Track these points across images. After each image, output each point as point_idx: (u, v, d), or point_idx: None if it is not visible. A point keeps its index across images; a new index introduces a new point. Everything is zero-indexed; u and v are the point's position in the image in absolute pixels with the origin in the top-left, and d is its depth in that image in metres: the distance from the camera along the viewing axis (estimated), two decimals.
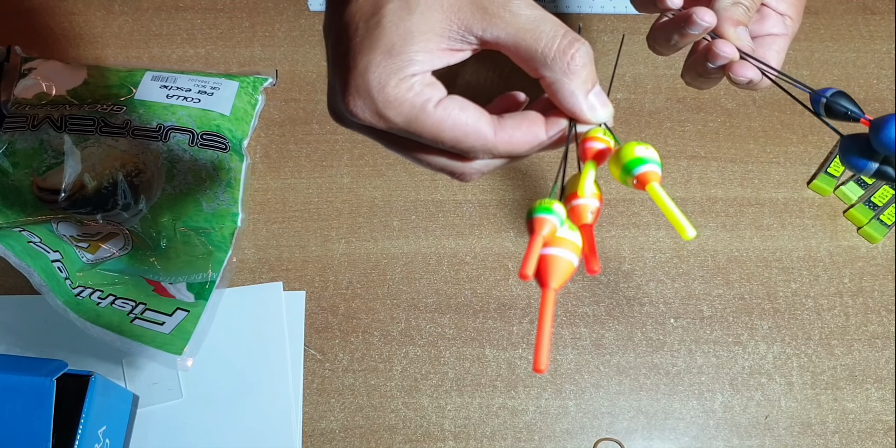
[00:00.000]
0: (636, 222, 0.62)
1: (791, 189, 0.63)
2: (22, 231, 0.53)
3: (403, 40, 0.28)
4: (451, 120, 0.29)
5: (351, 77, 0.28)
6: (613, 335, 0.58)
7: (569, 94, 0.29)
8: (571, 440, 0.55)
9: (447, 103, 0.29)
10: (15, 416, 0.42)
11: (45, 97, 0.60)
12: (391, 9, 0.28)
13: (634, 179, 0.28)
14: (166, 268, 0.55)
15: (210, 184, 0.58)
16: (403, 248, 0.60)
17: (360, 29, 0.28)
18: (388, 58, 0.28)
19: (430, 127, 0.29)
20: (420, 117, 0.28)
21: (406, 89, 0.28)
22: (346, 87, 0.28)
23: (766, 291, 0.59)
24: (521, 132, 0.30)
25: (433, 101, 0.29)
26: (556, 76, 0.29)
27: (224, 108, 0.61)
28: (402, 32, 0.28)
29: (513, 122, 0.30)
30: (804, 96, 0.37)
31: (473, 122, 0.29)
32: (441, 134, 0.29)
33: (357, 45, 0.28)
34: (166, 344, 0.49)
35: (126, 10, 0.69)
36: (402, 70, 0.28)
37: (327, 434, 0.54)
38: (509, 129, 0.30)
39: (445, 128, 0.29)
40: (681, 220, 0.26)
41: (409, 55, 0.28)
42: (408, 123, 0.29)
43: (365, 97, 0.28)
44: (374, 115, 0.29)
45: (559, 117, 0.30)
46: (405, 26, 0.28)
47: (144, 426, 0.53)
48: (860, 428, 0.55)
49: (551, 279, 0.27)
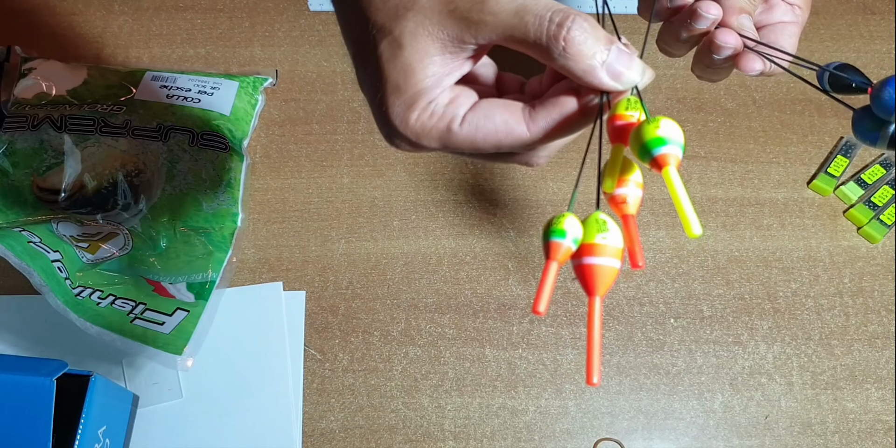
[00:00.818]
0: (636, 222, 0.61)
1: (791, 189, 0.63)
2: (22, 231, 0.53)
3: (405, 75, 0.28)
4: (480, 132, 0.29)
5: (380, 119, 0.30)
6: (613, 335, 0.58)
7: (582, 74, 0.28)
8: (571, 440, 0.55)
9: (471, 117, 0.29)
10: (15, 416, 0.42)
11: (45, 97, 0.60)
12: (383, 48, 0.28)
13: (651, 161, 0.26)
14: (166, 268, 0.55)
15: (210, 184, 0.58)
16: (403, 248, 0.60)
17: (369, 73, 0.29)
18: (399, 96, 0.28)
19: (464, 143, 0.29)
20: (451, 138, 0.29)
21: (427, 118, 0.29)
22: (382, 128, 0.30)
23: (766, 291, 0.59)
24: (555, 120, 0.29)
25: (457, 120, 0.29)
26: (560, 62, 0.28)
27: (224, 108, 0.61)
28: (400, 68, 0.28)
29: (544, 111, 0.29)
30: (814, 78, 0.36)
31: (503, 126, 0.29)
32: (477, 145, 0.29)
33: (372, 88, 0.29)
34: (166, 344, 0.49)
35: (126, 10, 0.69)
36: (416, 103, 0.29)
37: (327, 434, 0.54)
38: (541, 120, 0.29)
39: (478, 140, 0.29)
40: (689, 214, 0.25)
41: (416, 87, 0.28)
42: (444, 145, 0.30)
43: (396, 134, 0.29)
44: (413, 147, 0.30)
45: (591, 93, 0.29)
46: (401, 62, 0.28)
47: (144, 426, 0.53)
48: (860, 428, 0.55)
49: (597, 288, 0.26)
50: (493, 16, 0.27)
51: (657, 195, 0.63)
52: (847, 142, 0.64)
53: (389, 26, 0.28)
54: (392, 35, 0.28)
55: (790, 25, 0.40)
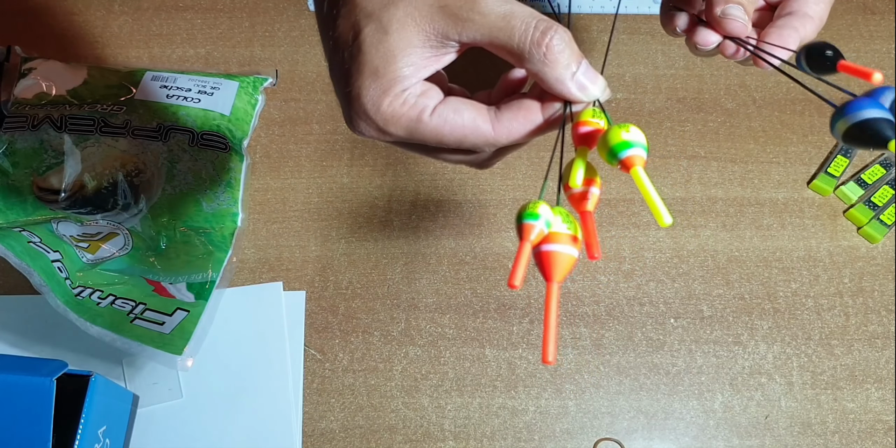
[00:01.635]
0: (636, 222, 0.62)
1: (791, 189, 0.63)
2: (22, 231, 0.53)
3: (386, 61, 0.29)
4: (447, 125, 0.30)
5: (349, 101, 0.30)
6: (613, 335, 0.58)
7: (554, 80, 0.30)
8: (571, 440, 0.55)
9: (441, 109, 0.30)
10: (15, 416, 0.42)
11: (45, 97, 0.60)
12: (368, 33, 0.29)
13: (619, 163, 0.28)
14: (166, 268, 0.55)
15: (210, 184, 0.58)
16: (403, 248, 0.60)
17: (346, 55, 0.30)
18: (376, 80, 0.29)
19: (430, 134, 0.30)
20: (419, 128, 0.30)
21: (399, 105, 0.30)
22: (349, 110, 0.30)
23: (766, 291, 0.59)
24: (518, 122, 0.31)
25: (428, 111, 0.30)
26: (537, 67, 0.29)
27: (224, 108, 0.61)
28: (382, 54, 0.29)
29: (509, 113, 0.31)
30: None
31: (470, 122, 0.30)
32: (442, 138, 0.30)
33: (347, 71, 0.30)
34: (166, 344, 0.49)
35: (126, 10, 0.69)
36: (391, 89, 0.29)
37: (327, 434, 0.54)
38: (506, 121, 0.31)
39: (444, 132, 0.30)
40: (659, 206, 0.27)
41: (394, 74, 0.29)
42: (410, 134, 0.30)
43: (365, 119, 0.30)
44: (378, 132, 0.31)
45: (554, 101, 0.31)
46: (384, 47, 0.29)
47: (144, 426, 0.53)
48: (860, 428, 0.55)
49: (554, 274, 0.27)
50: (481, 16, 0.28)
51: None
52: None
53: (378, 13, 0.29)
54: (379, 22, 0.29)
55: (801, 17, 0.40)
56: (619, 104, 0.66)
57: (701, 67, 0.68)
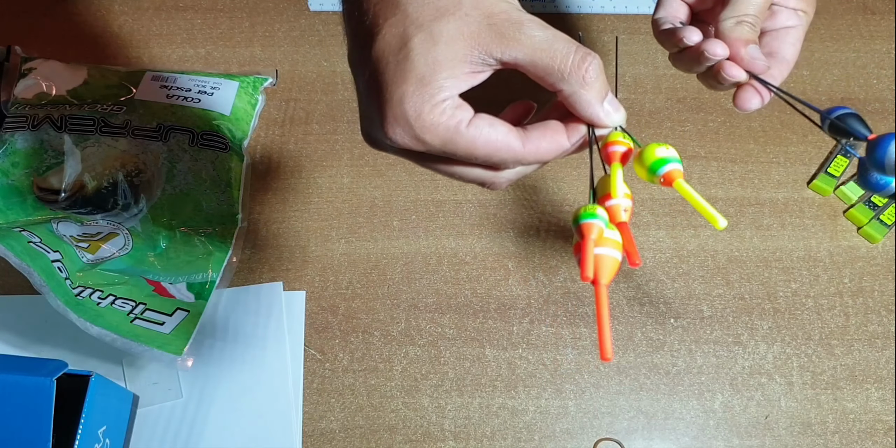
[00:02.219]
0: (636, 222, 0.61)
1: (791, 189, 0.63)
2: (22, 231, 0.53)
3: (432, 70, 0.30)
4: (482, 137, 0.31)
5: (388, 107, 0.30)
6: (614, 335, 0.58)
7: (587, 104, 0.32)
8: (571, 440, 0.55)
9: (478, 122, 0.31)
10: (15, 416, 0.42)
11: (45, 97, 0.60)
12: (417, 42, 0.30)
13: (661, 178, 0.31)
14: (166, 268, 0.55)
15: (210, 184, 0.58)
16: (403, 248, 0.60)
17: (391, 63, 0.30)
18: (421, 87, 0.30)
19: (464, 145, 0.31)
20: (455, 138, 0.31)
21: (439, 114, 0.30)
22: (384, 116, 0.31)
23: (766, 291, 0.59)
24: (546, 141, 0.32)
25: (465, 122, 0.31)
26: (574, 89, 0.31)
27: (224, 108, 0.61)
28: (430, 62, 0.30)
29: (537, 133, 0.32)
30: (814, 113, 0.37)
31: (503, 137, 0.31)
32: (475, 151, 0.31)
33: (390, 78, 0.30)
34: (166, 344, 0.49)
35: (126, 10, 0.69)
36: (433, 97, 0.30)
37: (327, 434, 0.54)
38: (535, 139, 0.32)
39: (478, 145, 0.31)
40: (711, 211, 0.29)
41: (438, 83, 0.30)
42: (444, 144, 0.31)
43: (403, 125, 0.30)
44: (413, 140, 0.31)
45: (578, 124, 0.33)
46: (432, 57, 0.30)
47: (144, 426, 0.53)
48: (860, 428, 0.55)
49: (602, 276, 0.29)
50: (527, 37, 0.30)
51: (657, 195, 0.63)
52: (847, 142, 0.64)
53: (429, 25, 0.30)
54: (430, 33, 0.30)
55: (793, 30, 0.41)
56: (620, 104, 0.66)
57: None
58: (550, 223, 0.61)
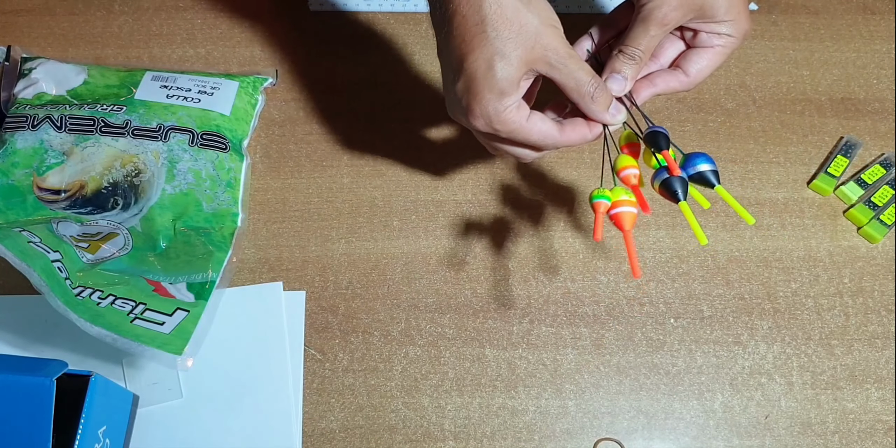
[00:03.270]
0: (636, 222, 0.61)
1: (791, 189, 0.63)
2: (22, 231, 0.53)
3: (507, 85, 0.44)
4: (536, 129, 0.45)
5: (477, 106, 0.44)
6: (613, 335, 0.58)
7: (595, 113, 0.46)
8: (571, 440, 0.55)
9: (533, 118, 0.45)
10: (15, 416, 0.42)
11: (45, 97, 0.60)
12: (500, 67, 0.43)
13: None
14: (166, 268, 0.55)
15: (210, 184, 0.58)
16: (403, 248, 0.60)
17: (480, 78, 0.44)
18: (500, 96, 0.44)
19: (523, 134, 0.45)
20: (519, 129, 0.45)
21: (509, 114, 0.44)
22: (473, 111, 0.45)
23: (766, 291, 0.59)
24: (576, 134, 0.46)
25: (525, 118, 0.45)
26: (586, 105, 0.46)
27: (224, 108, 0.61)
28: (506, 79, 0.44)
29: (570, 127, 0.46)
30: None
31: (548, 129, 0.46)
32: (529, 137, 0.46)
33: (480, 88, 0.44)
34: (166, 344, 0.49)
35: (126, 10, 0.69)
36: (506, 103, 0.44)
37: (327, 434, 0.54)
38: (568, 132, 0.46)
39: (533, 134, 0.46)
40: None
41: (510, 94, 0.44)
42: (510, 133, 0.45)
43: (485, 118, 0.45)
44: (489, 127, 0.45)
45: (596, 122, 0.47)
46: (507, 75, 0.44)
47: (144, 426, 0.53)
48: (860, 428, 0.55)
49: (626, 225, 0.44)
50: (566, 68, 0.44)
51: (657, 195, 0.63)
52: (847, 142, 0.64)
53: (508, 53, 0.43)
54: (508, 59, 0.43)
55: (709, 51, 0.49)
56: None
57: None
58: (550, 223, 0.61)
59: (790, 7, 0.71)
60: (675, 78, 0.50)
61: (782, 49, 0.69)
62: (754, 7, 0.71)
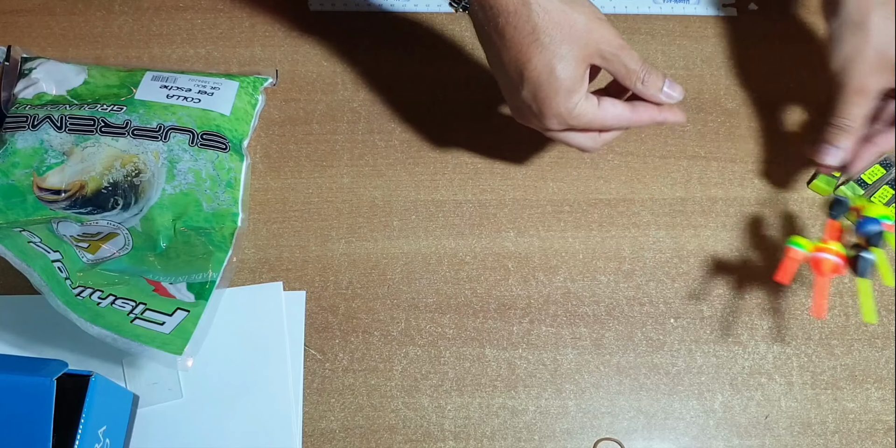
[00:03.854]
0: (636, 222, 0.62)
1: (791, 189, 0.63)
2: (22, 231, 0.53)
3: (572, 83, 0.47)
4: (610, 114, 0.49)
5: (548, 109, 0.48)
6: (613, 335, 0.58)
7: (650, 96, 0.50)
8: (571, 440, 0.55)
9: (605, 105, 0.49)
10: (15, 416, 0.42)
11: (45, 97, 0.60)
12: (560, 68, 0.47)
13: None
14: (166, 268, 0.55)
15: (210, 184, 0.58)
16: (403, 248, 0.60)
17: (544, 82, 0.47)
18: (568, 95, 0.48)
19: (599, 121, 0.49)
20: (594, 119, 0.49)
21: (582, 107, 0.48)
22: (544, 115, 0.49)
23: (766, 291, 0.59)
24: (647, 113, 0.50)
25: (596, 106, 0.49)
26: (639, 90, 0.49)
27: (224, 108, 0.61)
28: (569, 78, 0.47)
29: (642, 107, 0.50)
30: None
31: (622, 111, 0.50)
32: (605, 123, 0.50)
33: (547, 92, 0.48)
34: (166, 344, 0.49)
35: (126, 10, 0.69)
36: (574, 99, 0.48)
37: (327, 434, 0.54)
38: (641, 112, 0.50)
39: (608, 119, 0.49)
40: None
41: (577, 91, 0.48)
42: (586, 125, 0.49)
43: (558, 117, 0.49)
44: (563, 125, 0.50)
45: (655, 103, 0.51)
46: (569, 74, 0.47)
47: (144, 426, 0.53)
48: (860, 428, 0.55)
49: (824, 271, 0.48)
50: (618, 59, 0.48)
51: (657, 195, 0.63)
52: None
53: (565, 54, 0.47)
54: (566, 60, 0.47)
55: None
56: None
57: (701, 67, 0.68)
58: (551, 223, 0.61)
59: (790, 7, 0.71)
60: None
61: (782, 49, 0.69)
62: (754, 7, 0.71)
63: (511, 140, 0.64)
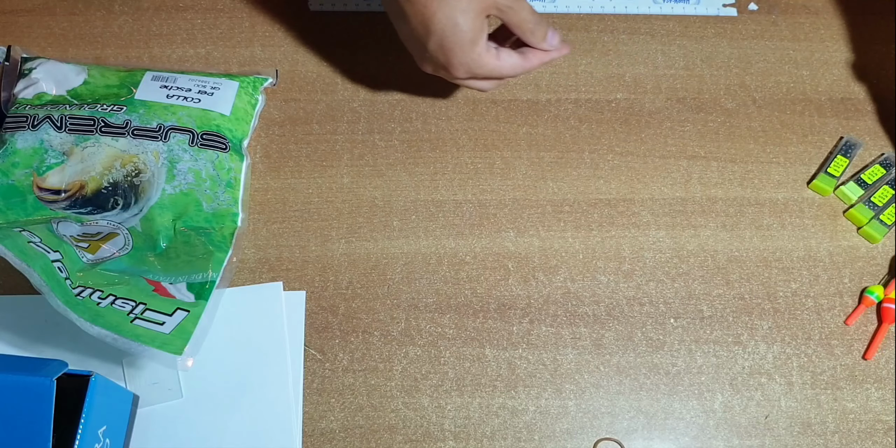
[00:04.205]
0: (636, 222, 0.62)
1: (791, 189, 0.63)
2: (22, 231, 0.53)
3: (473, 34, 0.52)
4: (508, 64, 0.55)
5: (455, 59, 0.53)
6: (613, 335, 0.58)
7: (536, 44, 0.56)
8: (571, 440, 0.55)
9: (503, 55, 0.55)
10: (15, 416, 0.42)
11: (45, 97, 0.60)
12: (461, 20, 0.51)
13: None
14: (166, 268, 0.55)
15: (210, 184, 0.58)
16: (403, 248, 0.60)
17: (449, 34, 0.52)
18: (471, 46, 0.53)
19: (499, 71, 0.55)
20: (495, 68, 0.54)
21: (484, 57, 0.53)
22: (451, 64, 0.54)
23: (766, 291, 0.59)
24: (536, 59, 0.56)
25: (496, 57, 0.54)
26: (528, 38, 0.55)
27: (224, 108, 0.61)
28: (470, 30, 0.52)
29: (530, 53, 0.56)
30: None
31: (517, 61, 0.55)
32: (503, 73, 0.55)
33: (451, 43, 0.52)
34: (166, 344, 0.49)
35: (126, 10, 0.69)
36: (479, 49, 0.53)
37: (327, 434, 0.54)
38: (531, 58, 0.56)
39: (506, 68, 0.55)
40: None
41: (480, 40, 0.53)
42: (488, 73, 0.55)
43: (464, 66, 0.54)
44: (469, 73, 0.55)
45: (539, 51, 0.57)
46: (469, 26, 0.52)
47: (144, 426, 0.53)
48: (860, 428, 0.55)
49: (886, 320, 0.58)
50: (513, 11, 0.53)
51: (657, 195, 0.63)
52: (847, 142, 0.64)
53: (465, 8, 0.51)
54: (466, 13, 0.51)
55: None
56: (620, 104, 0.66)
57: (701, 67, 0.68)
58: (551, 223, 0.61)
59: (790, 7, 0.71)
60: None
61: (782, 49, 0.69)
62: (754, 7, 0.71)
63: (511, 140, 0.64)
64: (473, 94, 0.66)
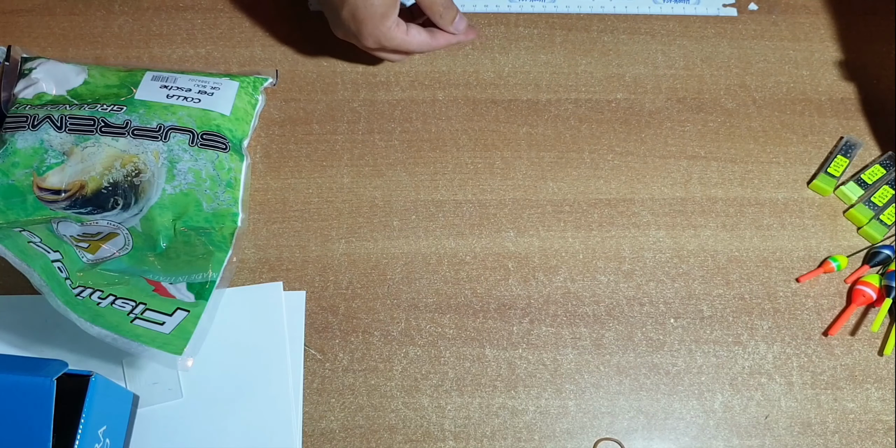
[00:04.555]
0: (636, 222, 0.62)
1: (791, 189, 0.63)
2: (22, 231, 0.53)
3: (385, 9, 0.56)
4: (416, 40, 0.59)
5: (365, 29, 0.57)
6: (613, 335, 0.58)
7: (443, 26, 0.60)
8: (571, 440, 0.55)
9: (412, 31, 0.59)
10: (15, 416, 0.42)
11: (45, 97, 0.60)
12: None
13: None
14: (166, 268, 0.55)
15: (210, 184, 0.58)
16: (403, 248, 0.60)
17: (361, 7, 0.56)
18: (382, 19, 0.57)
19: (406, 46, 0.59)
20: (402, 43, 0.58)
21: (393, 30, 0.57)
22: (361, 34, 0.58)
23: (766, 291, 0.59)
24: (444, 39, 0.61)
25: (405, 33, 0.58)
26: (437, 20, 0.60)
27: (224, 108, 0.61)
28: (383, 2, 0.56)
29: (438, 34, 0.60)
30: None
31: (424, 38, 0.59)
32: (411, 48, 0.59)
33: (363, 15, 0.56)
34: (166, 344, 0.49)
35: (126, 10, 0.69)
36: (388, 23, 0.57)
37: (327, 434, 0.54)
38: (438, 38, 0.60)
39: (413, 44, 0.59)
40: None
41: (389, 15, 0.57)
42: (396, 46, 0.59)
43: (373, 38, 0.58)
44: (378, 45, 0.59)
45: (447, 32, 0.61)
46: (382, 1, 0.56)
47: (144, 426, 0.53)
48: (860, 428, 0.55)
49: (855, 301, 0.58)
50: None
51: (657, 195, 0.63)
52: (847, 142, 0.64)
53: None
54: None
55: None
56: (620, 104, 0.66)
57: (701, 67, 0.68)
58: (551, 223, 0.61)
59: (790, 7, 0.71)
60: None
61: (782, 49, 0.69)
62: (754, 7, 0.71)
63: (511, 140, 0.64)
64: (473, 94, 0.66)
